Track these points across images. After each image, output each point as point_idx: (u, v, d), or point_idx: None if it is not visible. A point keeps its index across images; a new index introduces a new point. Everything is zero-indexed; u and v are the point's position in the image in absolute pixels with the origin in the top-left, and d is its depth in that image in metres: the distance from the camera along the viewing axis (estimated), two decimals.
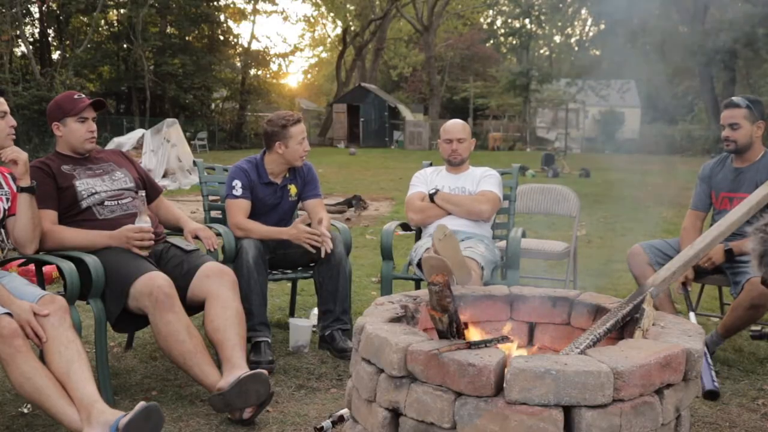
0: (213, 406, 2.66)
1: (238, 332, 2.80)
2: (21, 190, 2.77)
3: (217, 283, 2.91)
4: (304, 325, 3.62)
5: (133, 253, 2.92)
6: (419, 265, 3.39)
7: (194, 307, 2.98)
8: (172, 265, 3.05)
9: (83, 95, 3.13)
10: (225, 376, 2.66)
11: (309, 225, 3.74)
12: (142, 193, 3.07)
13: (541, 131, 37.16)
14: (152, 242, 2.99)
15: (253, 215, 3.60)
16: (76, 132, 3.05)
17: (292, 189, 3.74)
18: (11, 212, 2.85)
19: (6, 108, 2.82)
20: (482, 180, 3.81)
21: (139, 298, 2.76)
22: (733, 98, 3.49)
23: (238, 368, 2.67)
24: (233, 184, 3.59)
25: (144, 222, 2.97)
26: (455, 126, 3.90)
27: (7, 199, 2.85)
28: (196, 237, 3.30)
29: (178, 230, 3.41)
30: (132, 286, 2.77)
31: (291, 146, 3.59)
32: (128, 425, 2.24)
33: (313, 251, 3.48)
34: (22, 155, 2.74)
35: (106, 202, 3.05)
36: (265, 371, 2.66)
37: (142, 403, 2.29)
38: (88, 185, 3.04)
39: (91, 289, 2.83)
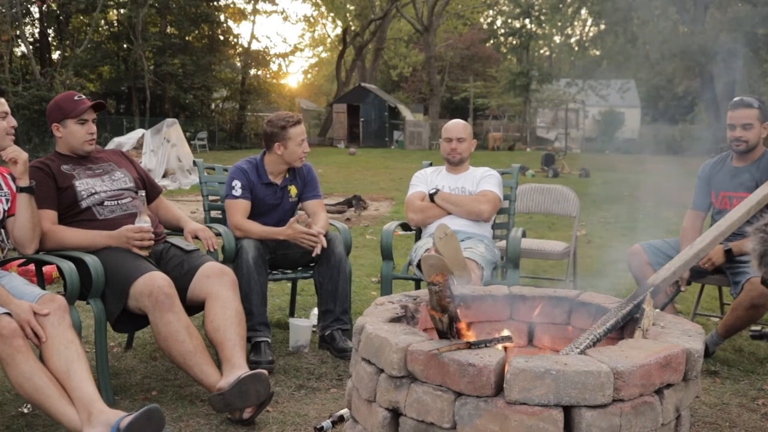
0: (213, 406, 2.66)
1: (238, 332, 2.80)
2: (20, 190, 2.77)
3: (217, 283, 2.91)
4: (304, 325, 3.62)
5: (133, 253, 2.92)
6: (419, 265, 3.39)
7: (194, 307, 2.98)
8: (172, 265, 3.05)
9: (83, 96, 3.13)
10: (225, 376, 2.66)
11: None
12: (142, 193, 3.07)
13: (541, 131, 37.15)
14: (152, 242, 2.98)
15: (253, 215, 3.60)
16: (76, 134, 3.05)
17: (292, 190, 3.74)
18: (11, 213, 2.85)
19: (6, 108, 2.82)
20: (482, 180, 3.82)
21: (139, 298, 2.76)
22: (743, 98, 3.46)
23: (238, 368, 2.67)
24: (233, 184, 3.59)
25: (144, 222, 2.97)
26: (456, 125, 3.91)
27: (7, 200, 2.85)
28: (196, 237, 3.30)
29: (179, 230, 3.40)
30: (132, 286, 2.77)
31: (290, 147, 3.59)
32: (130, 426, 2.24)
33: (310, 250, 3.48)
34: (22, 155, 2.75)
35: (105, 202, 3.05)
36: (264, 371, 2.66)
37: (146, 407, 2.29)
38: (87, 185, 3.04)
39: (91, 289, 2.83)
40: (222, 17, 34.37)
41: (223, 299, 2.86)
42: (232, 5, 34.96)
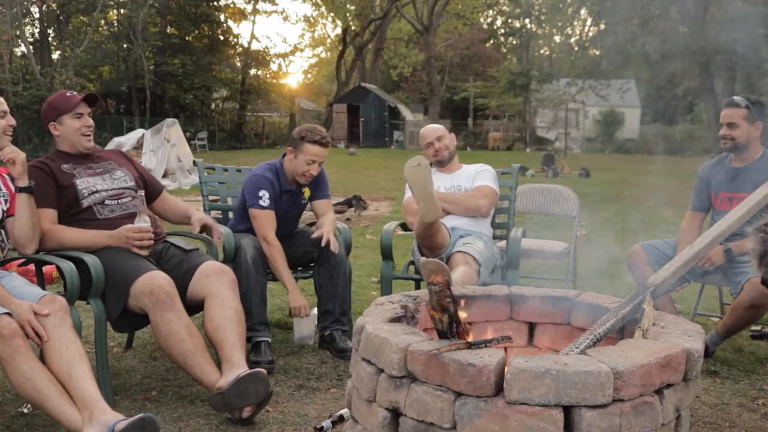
0: (213, 405, 2.66)
1: (237, 331, 2.80)
2: (19, 190, 2.77)
3: (216, 282, 2.91)
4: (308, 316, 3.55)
5: (133, 253, 2.92)
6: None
7: (194, 307, 2.98)
8: (172, 264, 3.05)
9: (75, 93, 3.13)
10: (224, 375, 2.66)
11: (312, 224, 3.74)
12: (141, 192, 3.07)
13: (541, 131, 37.15)
14: (152, 242, 2.99)
15: None
16: (73, 128, 3.05)
17: (306, 192, 3.74)
18: (10, 213, 2.85)
19: (5, 107, 2.82)
20: (477, 176, 3.83)
21: (139, 298, 2.76)
22: (734, 98, 3.52)
23: (237, 367, 2.67)
24: (260, 194, 3.54)
25: (143, 222, 2.98)
26: (429, 129, 3.97)
27: (6, 201, 2.85)
28: (203, 229, 3.27)
29: (187, 223, 3.36)
30: (132, 286, 2.77)
31: (299, 159, 3.55)
32: (123, 431, 2.24)
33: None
34: (20, 155, 2.75)
35: (106, 201, 3.05)
36: (263, 370, 2.66)
37: (140, 415, 2.30)
38: (88, 184, 3.04)
39: (91, 289, 2.83)
40: (222, 17, 34.35)
41: (222, 298, 2.86)
42: (232, 5, 34.96)
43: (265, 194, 3.55)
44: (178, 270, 3.00)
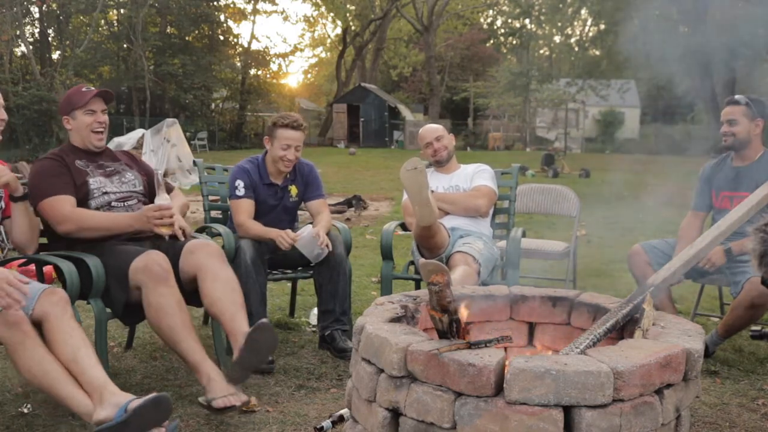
0: (233, 379, 2.61)
1: (233, 300, 2.79)
2: (15, 200, 2.78)
3: (203, 255, 2.90)
4: (306, 234, 3.45)
5: (135, 246, 2.92)
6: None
7: (192, 297, 2.95)
8: (162, 249, 3.04)
9: (92, 88, 3.12)
10: (234, 349, 2.64)
11: (311, 225, 3.74)
12: (160, 171, 3.07)
13: (541, 131, 37.15)
14: (172, 219, 2.95)
15: (254, 215, 3.60)
16: (84, 123, 3.06)
17: (293, 190, 3.74)
18: (6, 215, 2.86)
19: (0, 101, 2.83)
20: (475, 176, 3.84)
21: (134, 276, 2.75)
22: (734, 96, 3.54)
23: (242, 335, 2.64)
24: (236, 184, 3.60)
25: (163, 199, 2.97)
26: (428, 129, 3.97)
27: (0, 198, 2.87)
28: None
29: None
30: (130, 268, 2.77)
31: (274, 146, 3.61)
32: (137, 410, 2.25)
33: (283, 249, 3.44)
34: (9, 174, 2.73)
35: (113, 204, 3.06)
36: (265, 320, 2.65)
37: (154, 394, 2.30)
38: (100, 184, 3.06)
39: (92, 289, 2.82)
40: (222, 17, 34.38)
41: (212, 271, 2.85)
42: (232, 5, 34.98)
43: (240, 183, 3.60)
44: (170, 253, 2.97)
